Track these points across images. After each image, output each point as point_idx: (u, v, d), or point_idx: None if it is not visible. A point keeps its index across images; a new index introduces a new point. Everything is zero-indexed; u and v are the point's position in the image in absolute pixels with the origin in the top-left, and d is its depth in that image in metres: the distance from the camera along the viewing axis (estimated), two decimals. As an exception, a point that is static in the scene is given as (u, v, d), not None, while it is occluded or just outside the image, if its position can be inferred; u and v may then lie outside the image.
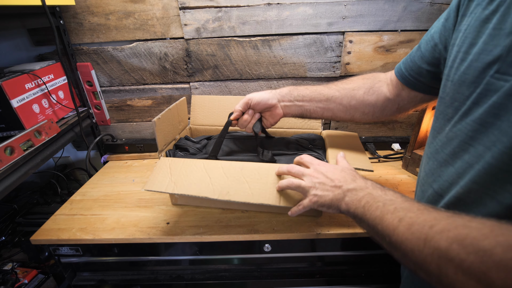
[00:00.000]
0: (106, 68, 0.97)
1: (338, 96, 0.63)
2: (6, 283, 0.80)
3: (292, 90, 0.66)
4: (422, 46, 0.51)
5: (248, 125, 0.69)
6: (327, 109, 0.64)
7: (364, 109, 0.62)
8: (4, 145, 0.63)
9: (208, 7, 0.87)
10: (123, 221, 0.71)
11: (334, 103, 0.63)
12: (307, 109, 0.65)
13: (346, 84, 0.64)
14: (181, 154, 0.76)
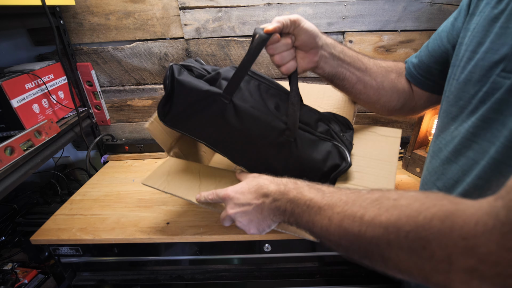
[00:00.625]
0: (106, 68, 0.97)
1: (375, 71, 0.56)
2: (6, 283, 0.80)
3: (336, 44, 0.55)
4: (430, 45, 0.51)
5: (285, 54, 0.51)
6: (361, 81, 0.55)
7: (391, 96, 0.56)
8: (4, 145, 0.63)
9: (208, 7, 0.87)
10: (123, 221, 0.71)
11: (369, 76, 0.55)
12: (343, 72, 0.55)
13: (382, 62, 0.58)
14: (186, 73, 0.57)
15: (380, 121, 1.05)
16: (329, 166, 0.55)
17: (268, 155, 0.56)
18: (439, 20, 0.88)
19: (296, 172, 0.56)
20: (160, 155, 1.04)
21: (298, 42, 0.50)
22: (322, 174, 0.56)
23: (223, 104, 0.53)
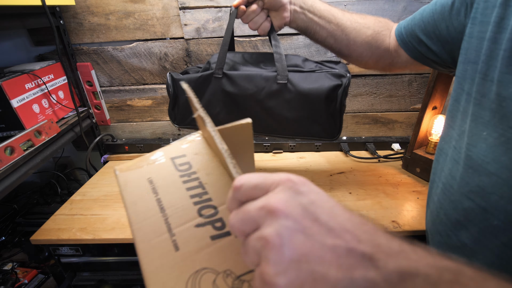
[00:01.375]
0: (106, 68, 0.97)
1: (348, 26, 0.58)
2: (6, 283, 0.80)
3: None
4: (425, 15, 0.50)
5: (256, 19, 0.58)
6: (332, 34, 0.59)
7: (363, 51, 0.59)
8: (4, 145, 0.63)
9: (208, 7, 0.87)
10: (123, 221, 0.71)
11: (341, 31, 0.58)
12: (314, 26, 0.59)
13: (360, 18, 0.59)
14: (183, 77, 0.68)
15: (380, 121, 1.05)
16: (328, 88, 0.58)
17: (272, 106, 0.60)
18: (439, 20, 0.88)
19: (304, 112, 0.60)
20: (160, 155, 1.04)
21: (266, 4, 0.57)
22: (326, 100, 0.59)
23: (218, 79, 0.61)
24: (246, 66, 0.64)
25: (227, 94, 0.62)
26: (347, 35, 0.58)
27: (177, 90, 0.66)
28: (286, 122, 0.61)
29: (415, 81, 0.98)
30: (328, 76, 0.60)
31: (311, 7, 0.58)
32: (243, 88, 0.60)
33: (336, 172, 0.90)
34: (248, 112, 0.63)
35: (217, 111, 0.64)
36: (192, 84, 0.62)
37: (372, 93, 1.01)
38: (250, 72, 0.60)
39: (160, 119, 1.06)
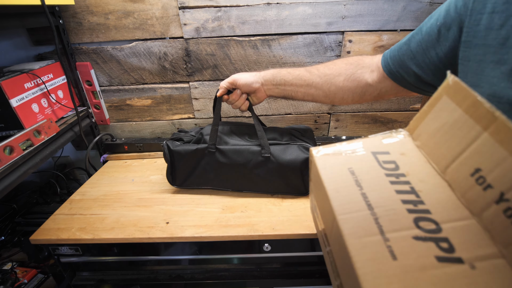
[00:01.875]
0: (105, 67, 0.97)
1: (319, 82, 0.66)
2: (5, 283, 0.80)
3: (276, 75, 0.70)
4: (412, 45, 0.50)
5: (236, 103, 0.75)
6: (308, 93, 0.68)
7: (343, 95, 0.65)
8: (3, 144, 0.63)
9: (208, 7, 0.87)
10: (122, 221, 0.71)
11: (314, 88, 0.67)
12: (289, 93, 0.71)
13: (328, 69, 0.66)
14: (178, 143, 0.79)
15: (379, 121, 1.05)
16: (301, 160, 0.72)
17: (258, 173, 0.75)
18: (439, 20, 0.88)
19: (283, 177, 0.75)
20: (159, 154, 1.04)
21: (244, 91, 0.73)
22: (300, 169, 0.73)
23: (212, 153, 0.75)
24: (233, 138, 0.78)
25: (220, 164, 0.75)
26: (320, 89, 0.67)
27: (173, 158, 0.78)
28: (269, 183, 0.77)
29: (415, 80, 0.98)
30: (301, 149, 0.74)
31: (281, 81, 0.70)
32: (233, 160, 0.74)
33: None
34: (237, 177, 0.77)
35: (212, 177, 0.78)
36: (189, 154, 0.76)
37: (371, 93, 1.01)
38: (239, 146, 0.75)
39: (159, 118, 1.06)
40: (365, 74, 0.61)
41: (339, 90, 0.65)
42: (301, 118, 1.05)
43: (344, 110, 1.04)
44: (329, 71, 0.65)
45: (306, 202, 0.76)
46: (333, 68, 0.65)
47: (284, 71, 0.70)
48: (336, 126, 1.07)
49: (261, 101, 0.75)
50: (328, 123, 1.06)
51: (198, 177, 0.79)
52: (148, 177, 0.91)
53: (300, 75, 0.68)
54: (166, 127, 1.08)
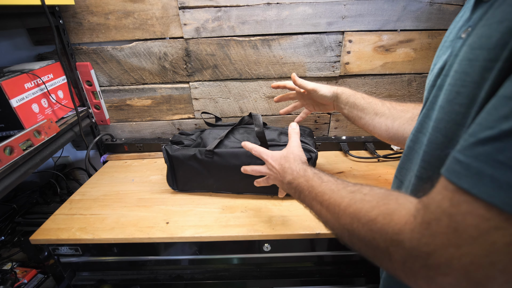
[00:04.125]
0: (105, 67, 0.97)
1: (386, 113, 0.64)
2: (5, 283, 0.80)
3: (350, 97, 0.69)
4: None
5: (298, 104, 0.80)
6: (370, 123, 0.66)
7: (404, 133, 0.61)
8: (3, 144, 0.63)
9: (208, 7, 0.87)
10: (122, 221, 0.71)
11: (379, 119, 0.65)
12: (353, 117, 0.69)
13: (399, 105, 0.65)
14: (177, 147, 0.79)
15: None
16: None
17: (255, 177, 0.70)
18: (439, 19, 0.88)
19: None
20: (159, 154, 1.04)
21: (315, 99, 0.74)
22: None
23: (210, 157, 0.75)
24: (232, 141, 0.77)
25: (218, 168, 0.75)
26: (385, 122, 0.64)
27: (173, 163, 0.79)
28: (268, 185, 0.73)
29: (415, 80, 0.98)
30: None
31: (354, 104, 0.68)
32: (231, 163, 0.74)
33: (336, 171, 0.90)
34: (236, 180, 0.76)
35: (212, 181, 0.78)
36: (188, 159, 0.76)
37: (371, 93, 1.01)
38: (236, 150, 0.74)
39: (159, 118, 1.06)
40: None
41: (401, 128, 0.61)
42: (301, 118, 1.05)
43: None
44: (399, 107, 0.64)
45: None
46: (404, 106, 0.64)
47: (359, 95, 0.68)
48: (336, 126, 1.07)
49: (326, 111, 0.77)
50: (328, 123, 1.06)
51: (198, 181, 0.80)
52: (148, 177, 0.91)
53: (373, 103, 0.67)
54: (166, 127, 1.08)
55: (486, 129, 0.22)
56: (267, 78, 0.98)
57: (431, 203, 0.25)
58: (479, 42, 0.27)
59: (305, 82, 0.70)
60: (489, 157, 0.21)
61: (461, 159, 0.23)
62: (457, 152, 0.24)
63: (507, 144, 0.20)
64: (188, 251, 0.72)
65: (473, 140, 0.23)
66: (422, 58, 0.94)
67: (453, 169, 0.24)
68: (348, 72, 0.97)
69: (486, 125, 0.22)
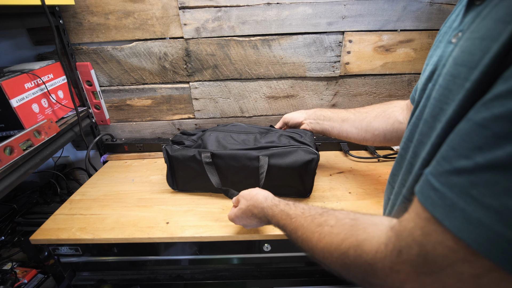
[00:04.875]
0: (105, 67, 0.97)
1: (352, 117, 0.71)
2: (5, 283, 0.80)
3: (317, 111, 0.79)
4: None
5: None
6: (342, 130, 0.73)
7: (374, 131, 0.67)
8: (3, 144, 0.63)
9: (208, 7, 0.87)
10: (122, 221, 0.71)
11: (347, 123, 0.71)
12: (326, 128, 0.76)
13: (364, 108, 0.71)
14: (178, 148, 0.79)
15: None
16: (300, 163, 0.71)
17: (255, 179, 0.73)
18: (439, 19, 0.88)
19: (280, 183, 0.75)
20: (159, 154, 1.04)
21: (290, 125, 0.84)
22: (298, 172, 0.72)
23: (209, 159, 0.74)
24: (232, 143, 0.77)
25: (218, 169, 0.75)
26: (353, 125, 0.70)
27: (173, 164, 0.79)
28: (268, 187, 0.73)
29: (415, 81, 0.98)
30: (300, 152, 0.72)
31: (321, 116, 0.77)
32: (231, 165, 0.74)
33: (336, 171, 0.90)
34: (235, 182, 0.77)
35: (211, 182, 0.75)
36: (187, 160, 0.76)
37: (371, 93, 1.01)
38: (236, 152, 0.74)
39: (159, 118, 1.06)
40: (396, 113, 0.64)
41: (369, 126, 0.68)
42: (301, 118, 1.05)
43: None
44: (364, 110, 0.71)
45: (306, 203, 0.76)
46: (368, 108, 0.71)
47: (327, 110, 0.78)
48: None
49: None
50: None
51: (197, 182, 0.79)
52: (148, 177, 0.91)
53: (338, 112, 0.75)
54: (166, 127, 1.08)
55: (461, 158, 0.22)
56: (267, 78, 0.98)
57: (402, 231, 0.26)
58: (461, 57, 0.26)
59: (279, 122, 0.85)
60: (463, 190, 0.21)
61: (436, 187, 0.23)
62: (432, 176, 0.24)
63: (481, 179, 0.20)
64: (188, 251, 0.72)
65: (448, 168, 0.23)
66: (422, 58, 0.94)
67: (428, 195, 0.24)
68: (348, 72, 0.97)
69: (461, 153, 0.22)
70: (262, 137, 0.79)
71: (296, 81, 0.99)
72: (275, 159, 0.72)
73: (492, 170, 0.20)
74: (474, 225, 0.20)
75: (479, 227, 0.20)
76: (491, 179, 0.19)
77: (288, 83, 0.99)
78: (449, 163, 0.23)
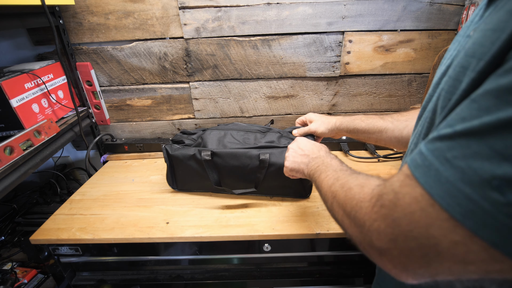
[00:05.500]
0: (105, 67, 0.97)
1: (391, 127, 0.66)
2: (5, 283, 0.80)
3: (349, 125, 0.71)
4: None
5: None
6: (380, 139, 0.68)
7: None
8: (3, 144, 0.63)
9: (208, 7, 0.87)
10: (122, 221, 0.71)
11: (385, 133, 0.67)
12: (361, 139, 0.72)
13: (401, 115, 0.66)
14: (177, 147, 0.80)
15: (379, 121, 1.05)
16: None
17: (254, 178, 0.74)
18: (439, 19, 0.88)
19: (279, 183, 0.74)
20: (159, 154, 1.04)
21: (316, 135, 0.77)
22: None
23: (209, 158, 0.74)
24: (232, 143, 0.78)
25: (218, 168, 0.76)
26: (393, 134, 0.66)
27: (172, 163, 0.80)
28: (267, 186, 0.76)
29: (415, 81, 0.98)
30: None
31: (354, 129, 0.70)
32: (230, 164, 0.74)
33: (336, 171, 0.90)
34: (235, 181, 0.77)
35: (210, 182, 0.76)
36: (187, 159, 0.77)
37: (371, 93, 1.01)
38: (236, 151, 0.74)
39: (159, 118, 1.06)
40: None
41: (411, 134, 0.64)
42: (301, 118, 1.05)
43: (344, 110, 1.04)
44: (402, 117, 0.66)
45: (306, 203, 0.76)
46: (407, 114, 0.66)
47: (358, 119, 0.70)
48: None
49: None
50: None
51: (197, 181, 0.80)
52: (148, 177, 0.91)
53: (373, 122, 0.69)
54: (166, 127, 1.08)
55: (446, 127, 0.24)
56: (267, 78, 0.98)
57: (387, 182, 0.30)
58: (472, 49, 0.27)
59: (303, 130, 0.75)
60: (441, 153, 0.24)
61: (423, 151, 0.26)
62: (423, 144, 0.27)
63: (456, 143, 0.23)
64: (188, 251, 0.72)
65: (435, 135, 0.25)
66: (422, 58, 0.94)
67: (414, 158, 0.27)
68: (348, 72, 0.97)
69: (448, 124, 0.25)
70: (262, 136, 0.79)
71: (296, 81, 0.99)
72: (275, 158, 0.72)
73: (466, 136, 0.22)
74: (442, 182, 0.23)
75: (445, 183, 0.23)
76: (464, 144, 0.22)
77: (288, 83, 0.99)
78: (437, 132, 0.25)
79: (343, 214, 0.35)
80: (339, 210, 0.37)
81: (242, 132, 0.81)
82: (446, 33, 0.91)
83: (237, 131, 0.81)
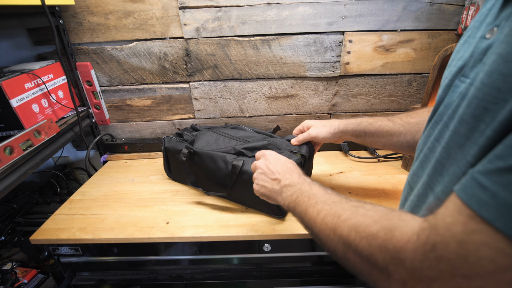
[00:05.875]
0: (105, 67, 0.97)
1: (402, 131, 0.62)
2: (5, 283, 0.80)
3: (356, 128, 0.67)
4: None
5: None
6: (389, 143, 0.65)
7: None
8: (3, 144, 0.63)
9: (208, 7, 0.87)
10: (122, 221, 0.71)
11: (396, 137, 0.63)
12: (368, 143, 0.68)
13: (411, 117, 0.63)
14: (174, 140, 0.83)
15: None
16: None
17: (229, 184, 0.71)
18: (439, 19, 0.88)
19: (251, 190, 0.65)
20: (159, 154, 1.04)
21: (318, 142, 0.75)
22: None
23: (190, 155, 0.76)
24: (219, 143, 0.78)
25: (196, 167, 0.77)
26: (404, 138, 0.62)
27: (167, 153, 0.84)
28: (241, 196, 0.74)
29: (415, 81, 0.98)
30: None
31: (361, 133, 0.66)
32: (206, 165, 0.74)
33: (336, 171, 0.90)
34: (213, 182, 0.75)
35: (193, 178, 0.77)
36: (175, 152, 0.80)
37: (371, 93, 1.01)
38: (213, 152, 0.73)
39: (159, 118, 1.06)
40: None
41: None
42: (301, 118, 1.05)
43: (344, 110, 1.04)
44: (412, 119, 0.62)
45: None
46: (416, 115, 0.62)
47: (365, 122, 0.66)
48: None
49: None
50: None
51: (185, 175, 0.77)
52: (148, 177, 0.91)
53: (382, 125, 0.65)
54: (166, 127, 1.08)
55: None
56: (267, 78, 0.98)
57: (439, 224, 0.24)
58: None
59: (303, 136, 0.71)
60: None
61: (485, 185, 0.21)
62: (480, 174, 0.22)
63: None
64: (188, 251, 0.72)
65: (502, 165, 0.20)
66: (422, 58, 0.94)
67: (474, 193, 0.22)
68: (348, 72, 0.97)
69: None
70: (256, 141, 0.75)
71: (296, 81, 0.99)
72: (248, 166, 0.67)
73: None
74: None
75: None
76: None
77: (288, 83, 0.99)
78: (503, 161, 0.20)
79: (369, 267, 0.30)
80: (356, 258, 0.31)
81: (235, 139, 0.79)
82: (446, 33, 0.91)
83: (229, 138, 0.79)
